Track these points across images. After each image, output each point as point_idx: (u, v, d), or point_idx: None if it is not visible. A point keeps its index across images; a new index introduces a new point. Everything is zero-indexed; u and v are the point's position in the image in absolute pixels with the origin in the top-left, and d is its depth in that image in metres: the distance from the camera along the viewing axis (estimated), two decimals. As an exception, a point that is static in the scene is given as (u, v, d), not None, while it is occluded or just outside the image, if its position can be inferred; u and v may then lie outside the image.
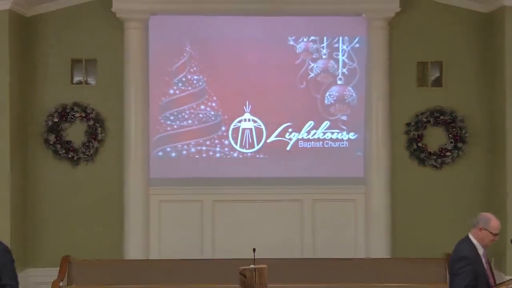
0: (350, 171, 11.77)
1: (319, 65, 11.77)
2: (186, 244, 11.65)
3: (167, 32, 11.70)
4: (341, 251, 11.56)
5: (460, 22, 11.58)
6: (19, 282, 10.78)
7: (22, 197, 11.18)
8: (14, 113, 10.78)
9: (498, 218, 10.97)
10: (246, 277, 7.32)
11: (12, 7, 10.56)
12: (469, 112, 11.57)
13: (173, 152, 11.74)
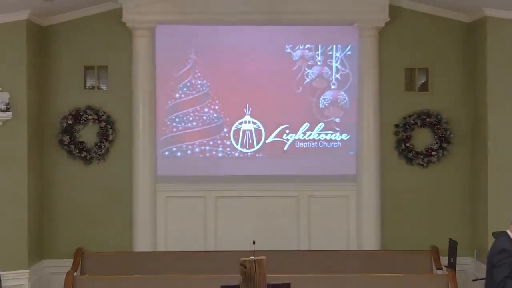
0: (343, 170, 11.79)
1: (314, 71, 11.79)
2: (191, 237, 11.68)
3: (173, 40, 11.70)
4: (334, 244, 11.63)
5: (445, 31, 11.59)
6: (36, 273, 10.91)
7: (38, 194, 11.18)
8: (31, 116, 10.75)
9: (480, 213, 11.09)
10: (247, 267, 7.39)
11: (30, 17, 10.54)
12: (454, 115, 11.59)
13: (178, 152, 11.78)
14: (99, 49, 11.56)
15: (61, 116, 11.46)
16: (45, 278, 11.29)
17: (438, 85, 11.67)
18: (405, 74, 11.74)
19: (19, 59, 10.52)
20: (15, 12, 10.32)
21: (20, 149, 10.58)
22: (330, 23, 11.59)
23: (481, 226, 10.94)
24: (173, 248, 11.56)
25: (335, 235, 11.72)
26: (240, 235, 11.15)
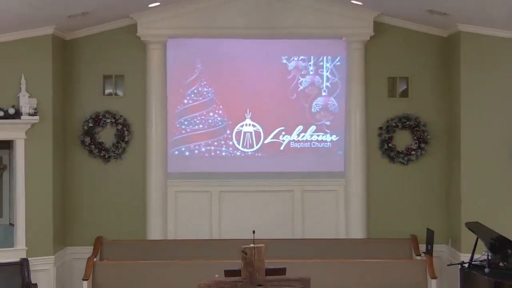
0: (333, 167, 11.80)
1: (307, 79, 11.80)
2: (197, 227, 11.68)
3: (182, 52, 11.70)
4: (325, 233, 11.64)
5: (423, 44, 11.59)
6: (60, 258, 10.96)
7: (62, 189, 11.20)
8: (56, 119, 10.78)
9: (454, 205, 11.15)
10: (247, 254, 7.48)
11: (55, 32, 10.60)
12: (431, 118, 11.59)
13: (186, 151, 11.78)
14: (116, 60, 11.57)
15: (83, 120, 11.47)
16: (68, 263, 11.30)
17: (417, 92, 11.66)
18: (387, 82, 11.72)
19: (45, 69, 10.55)
20: (41, 27, 10.38)
21: (46, 149, 10.60)
22: (321, 37, 11.60)
23: (455, 217, 10.98)
24: (182, 237, 11.57)
25: (325, 225, 11.72)
26: (241, 225, 11.14)
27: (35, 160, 10.52)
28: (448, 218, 11.42)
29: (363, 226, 11.60)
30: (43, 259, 10.53)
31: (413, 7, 10.42)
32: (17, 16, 9.48)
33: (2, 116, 10.16)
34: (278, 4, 11.31)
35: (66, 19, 10.31)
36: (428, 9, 10.14)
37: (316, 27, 11.40)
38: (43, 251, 10.54)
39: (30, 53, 10.44)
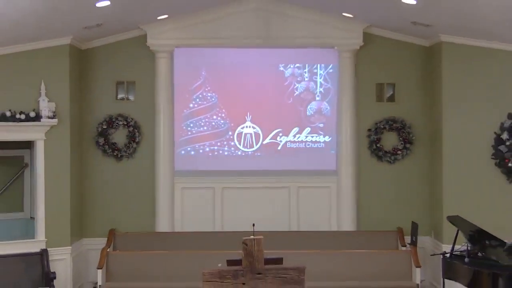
0: (326, 165, 11.80)
1: (302, 85, 11.81)
2: (202, 220, 11.68)
3: (188, 60, 11.72)
4: (318, 226, 11.66)
5: (408, 53, 11.60)
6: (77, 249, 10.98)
7: (78, 185, 11.21)
8: (72, 122, 10.80)
9: (437, 201, 11.17)
10: (248, 245, 7.52)
11: (72, 42, 10.61)
12: (415, 121, 11.60)
13: (192, 151, 11.79)
14: (127, 67, 11.58)
15: (97, 122, 11.49)
16: (83, 253, 11.31)
17: (403, 97, 11.67)
18: (376, 88, 11.72)
19: (63, 76, 10.56)
20: (60, 38, 10.40)
21: (64, 149, 10.61)
22: (315, 46, 11.61)
23: (437, 211, 10.99)
24: (188, 229, 11.58)
25: (319, 218, 11.72)
26: (242, 219, 11.11)
27: (53, 159, 10.52)
28: (431, 212, 11.43)
29: (353, 219, 11.60)
30: (61, 250, 10.54)
31: (398, 19, 10.44)
32: (38, 27, 9.51)
33: (24, 118, 10.15)
34: (276, 17, 11.32)
35: (82, 30, 10.35)
36: (413, 21, 10.17)
37: (310, 37, 11.41)
38: (61, 242, 10.56)
39: (49, 61, 10.45)
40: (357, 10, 10.77)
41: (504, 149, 10.31)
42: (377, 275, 10.50)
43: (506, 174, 10.34)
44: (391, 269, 10.56)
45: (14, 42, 10.04)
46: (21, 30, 9.42)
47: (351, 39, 11.42)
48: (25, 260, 10.14)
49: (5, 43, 9.94)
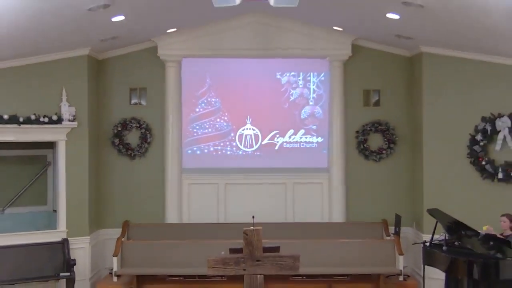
0: (318, 164, 11.79)
1: (297, 92, 11.82)
2: (207, 213, 11.68)
3: (194, 69, 11.73)
4: (312, 217, 11.66)
5: (392, 63, 11.60)
6: (94, 239, 10.98)
7: (96, 181, 11.23)
8: (91, 124, 10.83)
9: (418, 195, 11.18)
10: (248, 235, 7.55)
11: (90, 53, 10.65)
12: (398, 123, 11.61)
13: (198, 151, 11.81)
14: (140, 75, 11.58)
15: (113, 125, 11.50)
16: (100, 242, 11.32)
17: (387, 102, 11.67)
18: (363, 93, 11.70)
19: (82, 83, 10.59)
20: (79, 49, 10.44)
21: (83, 148, 10.64)
22: (309, 57, 11.61)
23: (418, 205, 11.02)
24: (194, 221, 11.58)
25: (312, 211, 11.72)
26: (243, 211, 11.12)
27: (73, 157, 10.56)
28: (413, 205, 11.43)
29: (343, 211, 11.60)
30: (80, 239, 10.58)
31: (383, 32, 10.46)
32: (60, 40, 9.55)
33: (47, 121, 10.18)
34: (273, 30, 11.33)
35: (99, 43, 10.38)
36: (396, 34, 10.20)
37: (304, 48, 11.40)
38: (80, 233, 10.60)
39: (70, 70, 10.48)
40: (346, 24, 10.81)
41: (478, 149, 10.34)
42: (364, 262, 10.51)
43: (480, 172, 10.35)
44: (377, 256, 10.58)
45: (39, 53, 10.08)
46: (45, 42, 9.47)
47: (341, 50, 11.43)
48: (48, 249, 10.18)
49: (31, 54, 9.99)
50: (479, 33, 8.81)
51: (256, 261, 7.59)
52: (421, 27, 9.29)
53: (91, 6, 7.85)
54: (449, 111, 10.56)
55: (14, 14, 7.46)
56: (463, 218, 9.23)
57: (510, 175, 10.10)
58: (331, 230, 11.29)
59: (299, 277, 10.19)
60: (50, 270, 10.09)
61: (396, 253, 10.50)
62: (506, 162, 10.18)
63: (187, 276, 10.47)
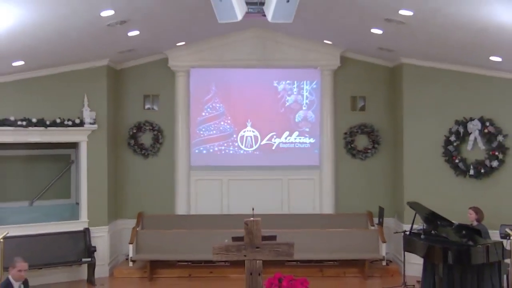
0: (310, 162, 11.78)
1: (291, 98, 11.82)
2: (212, 205, 11.67)
3: (201, 78, 11.72)
4: (305, 209, 11.64)
5: (376, 72, 11.60)
6: (113, 228, 10.96)
7: (114, 177, 11.23)
8: (109, 127, 10.84)
9: (398, 189, 11.16)
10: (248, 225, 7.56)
11: (108, 64, 10.66)
12: (382, 126, 11.61)
13: (204, 150, 11.80)
14: (153, 83, 11.58)
15: (129, 127, 11.51)
16: (118, 231, 11.32)
17: (372, 107, 11.68)
18: (350, 99, 11.71)
19: (101, 90, 10.61)
20: (99, 60, 10.47)
21: (102, 148, 10.65)
22: (302, 67, 11.62)
23: (399, 198, 11.02)
24: (201, 212, 11.57)
25: (305, 204, 11.70)
26: (244, 204, 11.04)
27: (94, 156, 10.57)
28: (394, 198, 11.45)
29: (332, 204, 11.61)
30: (100, 228, 10.58)
31: (368, 45, 10.47)
32: (83, 52, 9.59)
33: (71, 124, 10.21)
34: (271, 43, 11.35)
35: (117, 54, 10.42)
36: (379, 47, 10.22)
37: (298, 59, 11.43)
38: (100, 222, 10.60)
39: (91, 79, 10.50)
40: (335, 38, 10.83)
41: (452, 149, 10.37)
42: (351, 248, 10.52)
43: (454, 169, 10.38)
44: (362, 244, 10.58)
45: (64, 63, 10.12)
46: (69, 54, 9.50)
47: (331, 61, 11.44)
48: (71, 237, 10.21)
49: (56, 64, 10.04)
50: (452, 46, 8.84)
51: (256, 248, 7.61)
52: (402, 41, 9.31)
53: (109, 22, 7.88)
54: (426, 115, 10.57)
55: (43, 30, 7.50)
56: (439, 210, 9.27)
57: (480, 172, 10.13)
58: (321, 221, 11.28)
59: (294, 262, 10.23)
60: (73, 256, 10.12)
61: (380, 241, 10.52)
62: (476, 160, 10.22)
63: (194, 262, 10.51)
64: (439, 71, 10.44)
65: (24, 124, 9.83)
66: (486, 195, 9.96)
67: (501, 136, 9.99)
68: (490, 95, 10.09)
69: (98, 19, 7.62)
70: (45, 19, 6.92)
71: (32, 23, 6.99)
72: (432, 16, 7.28)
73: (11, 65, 9.18)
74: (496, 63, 9.19)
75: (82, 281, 10.26)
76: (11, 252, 9.15)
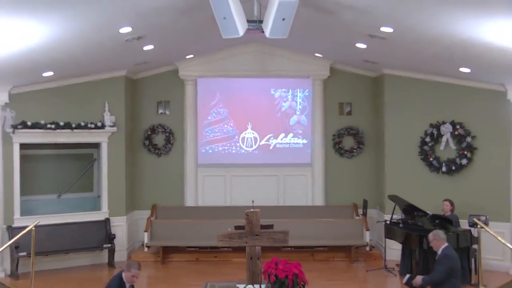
0: (303, 160, 11.77)
1: (286, 104, 11.83)
2: (217, 198, 11.67)
3: (207, 86, 11.73)
4: (298, 202, 11.65)
5: (361, 81, 11.61)
6: (130, 218, 10.91)
7: (131, 173, 11.20)
8: (127, 129, 10.86)
9: (380, 184, 11.17)
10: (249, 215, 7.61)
11: (126, 74, 10.68)
12: (366, 128, 11.63)
13: (210, 150, 11.80)
14: (165, 91, 11.57)
15: (144, 129, 11.51)
16: (134, 221, 11.33)
17: (357, 112, 11.68)
18: (338, 105, 11.70)
19: (120, 97, 10.63)
20: (118, 71, 10.50)
21: (120, 148, 10.68)
22: (296, 77, 11.62)
23: (381, 192, 11.05)
24: (207, 204, 11.58)
25: (299, 197, 11.70)
26: (245, 197, 11.08)
27: (113, 155, 10.60)
28: (377, 192, 11.46)
29: (322, 197, 11.62)
30: (119, 218, 10.62)
31: (354, 58, 10.52)
32: (104, 64, 9.64)
33: (93, 127, 10.26)
34: (268, 56, 11.38)
35: (133, 66, 10.45)
36: (364, 59, 10.26)
37: (292, 70, 11.44)
38: (119, 213, 10.64)
39: (111, 87, 10.53)
40: (325, 52, 10.87)
41: (427, 149, 10.41)
42: (338, 236, 10.54)
43: (428, 166, 10.41)
44: (349, 232, 10.61)
45: (87, 74, 10.16)
46: (92, 66, 9.55)
47: (321, 71, 11.47)
48: (94, 226, 10.25)
49: (81, 74, 10.08)
50: (427, 59, 8.88)
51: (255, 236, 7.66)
52: (383, 54, 9.34)
53: (127, 38, 7.93)
54: (405, 119, 10.60)
55: (69, 45, 7.55)
56: (415, 202, 9.35)
57: (451, 169, 10.17)
58: (313, 212, 11.31)
59: (289, 248, 10.26)
60: (95, 242, 10.16)
61: (364, 229, 10.54)
62: (448, 159, 10.26)
63: (201, 247, 10.53)
64: (416, 81, 10.48)
65: (53, 127, 9.88)
66: (456, 189, 9.98)
67: (470, 138, 10.04)
68: (460, 101, 10.13)
69: (117, 35, 7.67)
70: (70, 35, 6.98)
71: (60, 39, 7.05)
72: (409, 33, 7.35)
73: (42, 76, 9.24)
74: (466, 73, 9.24)
75: (103, 264, 10.29)
76: (41, 239, 9.29)
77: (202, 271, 9.55)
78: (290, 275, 7.50)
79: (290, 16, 6.55)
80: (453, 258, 6.41)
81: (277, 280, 7.51)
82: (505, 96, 9.47)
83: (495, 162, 9.77)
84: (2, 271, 9.40)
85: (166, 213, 11.30)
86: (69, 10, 5.96)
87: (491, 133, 9.84)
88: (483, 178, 9.90)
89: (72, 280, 9.23)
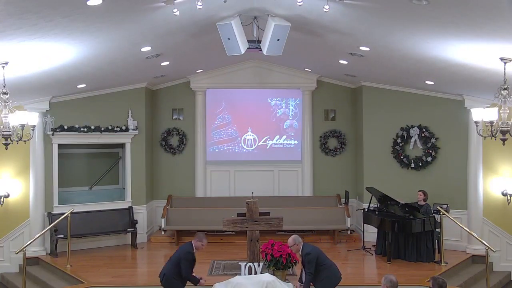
0: (295, 157, 11.71)
1: (281, 110, 11.77)
2: (222, 190, 11.63)
3: (214, 96, 11.70)
4: (290, 193, 11.61)
5: (343, 92, 11.56)
6: (149, 206, 10.89)
7: (150, 169, 11.17)
8: (147, 132, 10.84)
9: (359, 177, 11.13)
10: (249, 204, 7.69)
11: (146, 86, 10.65)
12: (347, 131, 11.58)
13: (216, 149, 11.75)
14: (179, 100, 11.54)
15: (161, 132, 11.47)
16: (153, 209, 11.31)
17: (340, 118, 11.64)
18: (324, 112, 11.66)
19: (141, 105, 10.60)
20: (140, 83, 10.48)
21: (141, 148, 10.66)
22: (288, 88, 11.57)
23: (360, 184, 11.04)
24: (214, 195, 11.55)
25: (291, 189, 11.65)
26: (246, 189, 11.11)
27: (136, 154, 10.59)
28: (356, 184, 11.45)
29: (311, 189, 11.59)
30: (140, 207, 10.61)
31: (337, 72, 10.53)
32: (127, 78, 9.65)
33: (119, 130, 10.25)
34: (266, 71, 11.36)
35: (152, 79, 10.47)
36: (345, 73, 10.28)
37: (286, 82, 11.42)
38: (140, 202, 10.63)
39: (133, 96, 10.51)
40: (313, 67, 10.86)
41: (398, 148, 10.42)
42: (324, 221, 10.53)
43: (399, 163, 10.41)
44: (333, 218, 10.58)
45: (113, 86, 10.18)
46: (118, 79, 9.56)
47: (310, 83, 11.45)
48: (120, 213, 10.25)
49: (109, 86, 10.09)
50: (398, 73, 8.93)
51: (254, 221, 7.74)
52: (362, 69, 9.36)
53: (147, 56, 7.98)
54: (380, 123, 10.61)
55: (99, 62, 7.58)
56: (389, 193, 9.39)
57: (418, 165, 10.20)
58: (303, 201, 11.29)
59: (282, 232, 10.14)
60: (120, 227, 10.16)
61: (345, 215, 10.53)
62: (416, 156, 10.28)
63: (209, 231, 10.45)
64: (389, 91, 10.50)
65: (85, 130, 9.90)
66: (423, 182, 10.00)
67: (434, 139, 10.08)
68: (426, 109, 10.14)
69: (139, 53, 7.70)
70: (99, 53, 7.01)
71: (91, 57, 7.08)
72: (383, 51, 7.38)
73: (76, 87, 9.27)
74: (430, 85, 9.28)
75: (127, 245, 10.30)
76: (76, 224, 9.34)
77: (210, 251, 9.54)
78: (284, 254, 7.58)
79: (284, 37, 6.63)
80: (312, 252, 6.06)
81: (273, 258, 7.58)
82: (463, 105, 9.54)
83: (455, 160, 9.84)
84: (43, 250, 9.44)
85: (180, 202, 11.30)
86: (99, 33, 5.99)
87: (451, 135, 9.89)
88: (445, 173, 9.95)
89: (101, 258, 9.29)
